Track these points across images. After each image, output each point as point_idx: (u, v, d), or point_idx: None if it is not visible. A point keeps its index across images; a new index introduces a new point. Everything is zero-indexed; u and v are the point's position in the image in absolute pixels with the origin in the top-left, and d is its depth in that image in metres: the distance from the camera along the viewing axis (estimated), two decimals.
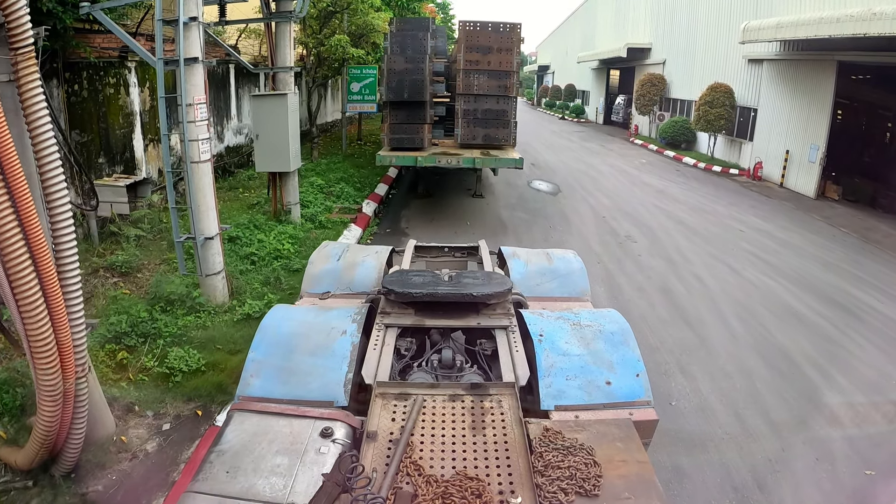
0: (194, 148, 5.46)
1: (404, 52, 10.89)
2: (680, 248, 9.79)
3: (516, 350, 3.20)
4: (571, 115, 37.08)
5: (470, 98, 11.08)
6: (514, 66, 11.05)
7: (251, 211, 9.15)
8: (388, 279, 3.66)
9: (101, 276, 6.76)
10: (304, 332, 3.13)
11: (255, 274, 6.85)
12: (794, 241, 10.65)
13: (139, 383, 4.94)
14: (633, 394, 2.89)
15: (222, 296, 6.15)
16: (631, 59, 27.30)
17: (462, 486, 2.16)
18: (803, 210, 13.33)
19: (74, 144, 7.77)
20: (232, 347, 5.36)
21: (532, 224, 10.75)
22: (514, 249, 4.63)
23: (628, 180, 15.83)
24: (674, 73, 24.30)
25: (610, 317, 3.40)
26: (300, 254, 7.50)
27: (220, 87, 12.41)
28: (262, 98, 7.96)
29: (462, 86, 11.02)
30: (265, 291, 6.41)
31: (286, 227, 8.09)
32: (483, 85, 11.02)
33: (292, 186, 8.49)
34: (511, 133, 11.31)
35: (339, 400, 2.77)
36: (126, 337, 5.38)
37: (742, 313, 7.31)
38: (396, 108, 10.65)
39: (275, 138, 7.70)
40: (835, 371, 5.95)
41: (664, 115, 24.33)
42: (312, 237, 8.19)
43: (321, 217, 9.14)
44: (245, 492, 2.15)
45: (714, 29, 20.98)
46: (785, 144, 16.15)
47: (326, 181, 11.47)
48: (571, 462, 2.31)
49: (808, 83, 15.28)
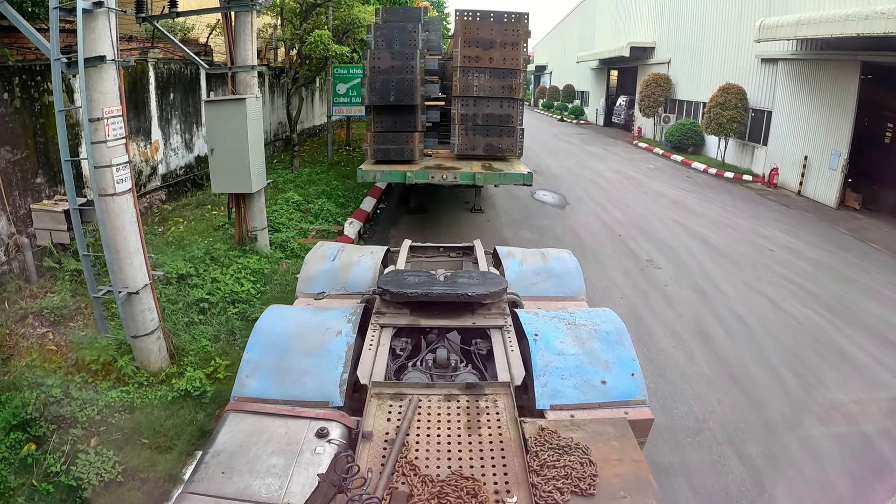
0: (105, 177, 4.11)
1: (391, 47, 9.13)
2: (709, 274, 8.57)
3: (511, 350, 3.20)
4: (570, 116, 35.89)
5: (469, 101, 9.35)
6: (520, 63, 9.23)
7: (214, 235, 7.81)
8: (383, 279, 3.64)
9: (30, 324, 5.46)
10: (299, 332, 3.11)
11: (204, 326, 5.48)
12: (826, 262, 9.60)
13: (42, 498, 3.65)
14: (629, 393, 2.88)
15: (159, 360, 4.85)
16: (634, 58, 26.13)
17: (458, 486, 2.16)
18: (826, 222, 12.31)
19: (5, 163, 6.45)
20: (161, 443, 4.05)
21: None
22: (509, 249, 4.54)
23: (639, 189, 14.61)
24: (679, 73, 23.16)
25: (605, 316, 3.37)
26: (263, 296, 6.16)
27: (188, 90, 11.05)
28: (217, 104, 6.41)
29: (459, 86, 9.32)
30: (213, 352, 5.09)
31: (250, 259, 6.70)
32: (484, 85, 9.26)
33: (258, 209, 7.09)
34: (517, 142, 9.54)
35: (334, 400, 2.77)
36: (34, 424, 4.08)
37: (793, 362, 6.10)
38: (381, 113, 9.00)
39: (233, 153, 6.25)
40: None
41: (669, 117, 23.22)
42: (281, 271, 6.85)
43: (294, 244, 7.74)
44: (241, 492, 2.14)
45: (723, 27, 19.87)
46: (803, 150, 15.13)
47: (305, 196, 10.09)
48: (567, 461, 2.31)
49: (828, 85, 14.27)
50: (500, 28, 9.22)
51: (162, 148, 10.41)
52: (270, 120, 15.81)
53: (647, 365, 5.79)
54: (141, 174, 9.78)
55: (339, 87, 13.87)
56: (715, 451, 4.61)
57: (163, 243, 7.86)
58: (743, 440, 4.76)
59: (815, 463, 4.51)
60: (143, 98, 9.76)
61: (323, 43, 10.20)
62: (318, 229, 8.55)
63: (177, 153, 10.77)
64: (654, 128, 24.53)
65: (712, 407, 5.21)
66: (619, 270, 8.41)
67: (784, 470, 4.44)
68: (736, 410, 5.17)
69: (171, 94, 10.67)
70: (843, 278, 8.79)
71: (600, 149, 22.54)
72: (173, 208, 10.23)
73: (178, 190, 10.85)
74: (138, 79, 9.61)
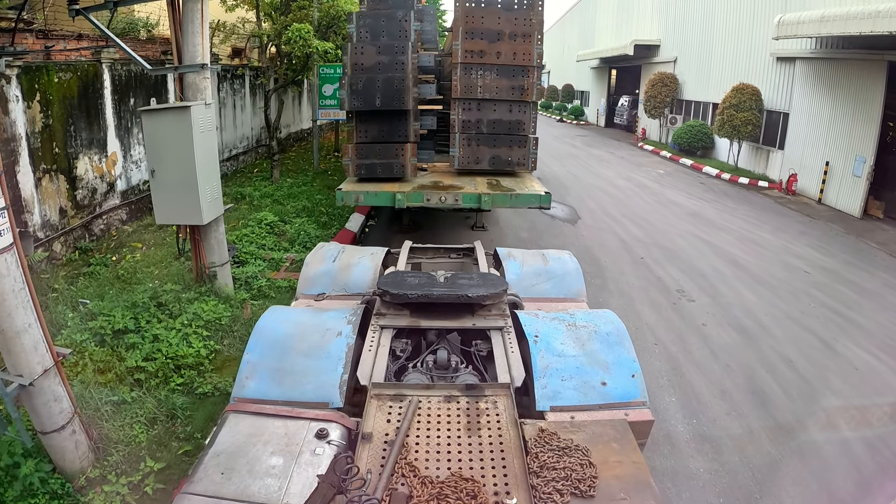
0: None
1: (377, 40, 7.43)
2: (748, 306, 7.43)
3: (511, 351, 3.19)
4: (570, 116, 34.76)
5: (471, 104, 7.66)
6: (533, 59, 7.48)
7: (171, 267, 6.57)
8: (383, 280, 3.65)
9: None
10: (299, 333, 3.10)
11: (137, 406, 4.19)
12: (867, 286, 8.61)
13: None
14: (629, 394, 2.85)
15: (77, 459, 3.63)
16: (637, 56, 24.97)
17: (457, 488, 2.15)
18: (854, 234, 11.34)
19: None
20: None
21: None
22: (509, 250, 4.54)
23: (653, 198, 13.47)
24: (687, 72, 22.06)
25: (605, 317, 3.35)
26: (217, 359, 4.89)
27: (153, 93, 9.79)
28: (155, 115, 4.95)
29: (460, 87, 7.60)
30: (146, 446, 3.85)
31: (205, 305, 5.38)
32: (490, 85, 7.54)
33: (215, 241, 5.73)
34: (529, 153, 7.79)
35: (334, 401, 2.75)
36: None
37: (866, 432, 4.99)
38: (365, 120, 7.29)
39: (177, 175, 4.92)
40: None
41: (676, 118, 22.12)
42: (245, 317, 5.60)
43: (261, 280, 6.36)
44: (240, 493, 2.13)
45: (735, 23, 18.78)
46: (824, 155, 14.14)
47: (282, 214, 8.82)
48: (567, 463, 2.30)
49: (851, 86, 13.28)
50: (509, 16, 7.45)
51: (121, 161, 9.16)
52: (252, 125, 14.59)
53: (700, 443, 4.66)
54: (95, 192, 8.54)
55: (324, 89, 12.62)
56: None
57: (111, 278, 6.63)
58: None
59: None
60: (96, 104, 8.51)
61: (303, 38, 8.90)
62: (292, 259, 7.20)
63: (139, 166, 9.52)
64: (659, 129, 23.42)
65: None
66: (647, 305, 7.22)
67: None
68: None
69: (132, 98, 9.42)
70: (890, 306, 7.78)
71: (605, 152, 21.39)
72: (134, 229, 9.00)
73: (142, 207, 9.62)
74: (90, 82, 8.37)
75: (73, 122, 8.00)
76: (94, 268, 7.13)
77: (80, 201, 8.24)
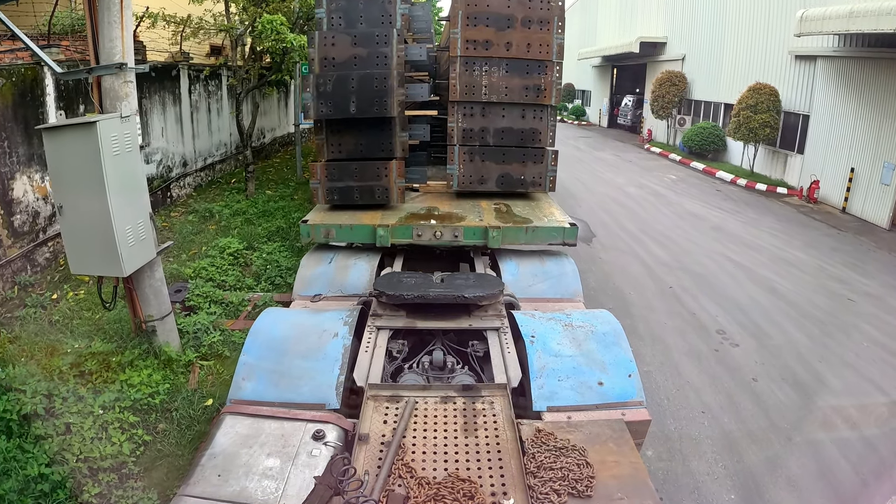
0: None
1: (352, 27, 5.71)
2: (799, 350, 6.28)
3: (508, 351, 3.18)
4: (571, 116, 33.60)
5: (475, 109, 5.84)
6: (553, 52, 5.74)
7: (112, 313, 5.38)
8: (379, 281, 3.66)
9: None
10: (295, 334, 3.10)
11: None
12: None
13: None
14: (626, 394, 2.84)
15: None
16: (643, 54, 23.84)
17: (454, 488, 2.15)
18: (886, 250, 10.36)
19: None
20: None
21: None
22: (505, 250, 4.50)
23: (669, 209, 12.33)
24: (695, 71, 20.95)
25: (602, 317, 3.35)
26: (145, 456, 3.69)
27: None
28: (56, 133, 3.64)
29: (460, 87, 5.77)
30: None
31: (137, 375, 4.13)
32: (498, 85, 5.76)
33: (151, 291, 4.38)
34: (547, 171, 5.95)
35: (330, 402, 2.76)
36: None
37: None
38: (338, 131, 5.54)
39: (87, 212, 3.67)
40: None
41: (685, 119, 21.02)
42: (190, 386, 4.36)
43: (214, 335, 5.00)
44: (237, 495, 2.12)
45: (748, 19, 17.67)
46: (848, 160, 13.15)
47: (251, 239, 7.53)
48: (564, 463, 2.29)
49: (880, 87, 12.34)
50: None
51: None
52: (231, 130, 13.33)
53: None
54: (37, 216, 7.33)
55: None
56: None
57: (38, 331, 5.42)
58: None
59: None
60: (35, 114, 7.28)
61: (275, 30, 7.64)
62: (255, 302, 5.77)
63: None
64: (667, 131, 22.33)
65: None
66: (685, 353, 6.02)
67: None
68: None
69: (82, 106, 8.19)
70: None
71: (612, 155, 20.24)
72: None
73: None
74: (28, 89, 7.15)
75: (8, 136, 6.81)
76: (28, 310, 5.96)
77: (19, 228, 7.05)
